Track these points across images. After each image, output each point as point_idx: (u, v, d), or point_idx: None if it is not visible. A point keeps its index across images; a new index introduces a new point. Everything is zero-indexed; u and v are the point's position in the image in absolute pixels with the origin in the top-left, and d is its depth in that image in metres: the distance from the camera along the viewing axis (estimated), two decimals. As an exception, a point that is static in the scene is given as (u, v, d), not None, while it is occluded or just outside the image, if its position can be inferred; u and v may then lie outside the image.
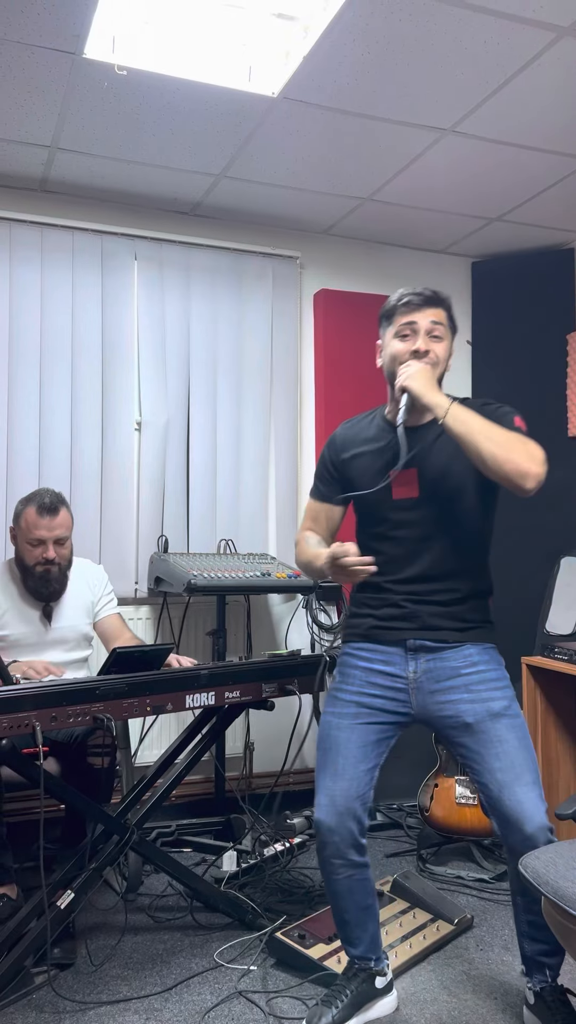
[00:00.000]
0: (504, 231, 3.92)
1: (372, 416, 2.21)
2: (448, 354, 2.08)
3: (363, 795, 2.04)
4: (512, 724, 1.99)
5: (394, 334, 2.09)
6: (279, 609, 3.85)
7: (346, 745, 2.05)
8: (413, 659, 2.05)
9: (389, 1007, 2.19)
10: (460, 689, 2.01)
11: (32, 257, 3.44)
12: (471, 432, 1.88)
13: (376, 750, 2.07)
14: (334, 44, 2.48)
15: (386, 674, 2.07)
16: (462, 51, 2.52)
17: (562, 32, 2.44)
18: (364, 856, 2.08)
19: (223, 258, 3.76)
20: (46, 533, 2.71)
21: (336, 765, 2.05)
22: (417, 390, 1.95)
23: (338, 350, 3.93)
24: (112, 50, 2.52)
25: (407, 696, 2.06)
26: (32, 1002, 2.22)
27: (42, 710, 2.05)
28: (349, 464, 2.16)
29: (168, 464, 3.65)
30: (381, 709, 2.07)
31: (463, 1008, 2.21)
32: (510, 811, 1.92)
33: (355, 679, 2.09)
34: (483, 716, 1.99)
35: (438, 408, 1.92)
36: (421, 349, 2.02)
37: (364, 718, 2.06)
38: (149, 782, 2.55)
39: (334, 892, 2.11)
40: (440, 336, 2.05)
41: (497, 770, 1.95)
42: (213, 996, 2.26)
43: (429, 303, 2.04)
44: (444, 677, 2.03)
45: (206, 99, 2.78)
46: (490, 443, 1.86)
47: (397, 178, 3.37)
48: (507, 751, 1.96)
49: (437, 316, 2.04)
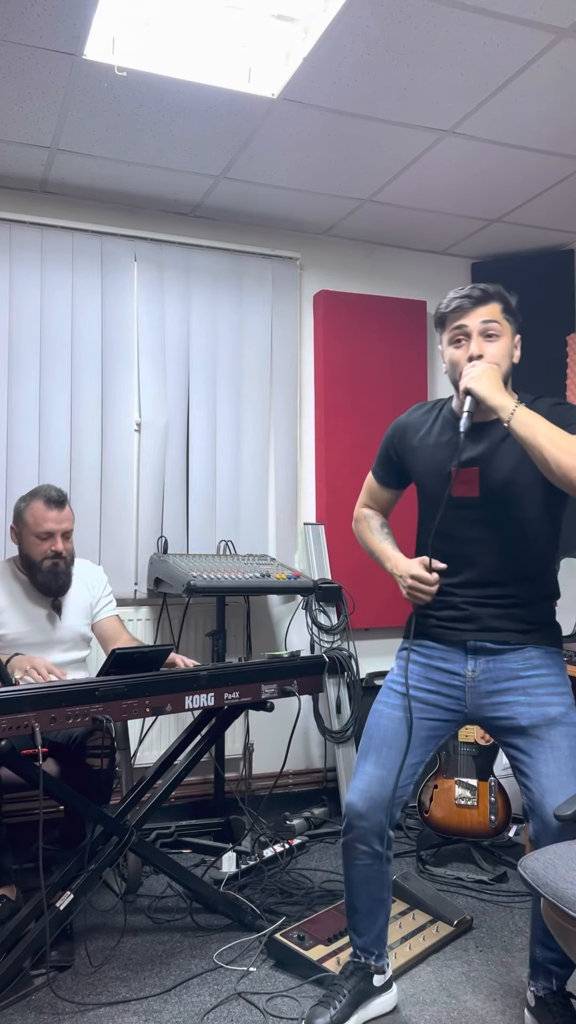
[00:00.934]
0: (504, 232, 3.92)
1: (440, 406, 2.16)
2: (510, 348, 2.01)
3: (402, 788, 2.04)
4: (567, 732, 1.96)
5: (448, 341, 2.03)
6: (279, 610, 3.85)
7: (395, 736, 2.04)
8: (473, 659, 2.03)
9: (388, 1005, 2.19)
10: (518, 691, 1.99)
11: (32, 258, 3.44)
12: (535, 436, 1.82)
13: (424, 747, 2.07)
14: (334, 45, 2.48)
15: (444, 671, 2.06)
16: (462, 52, 2.52)
17: (562, 33, 2.44)
18: (388, 849, 2.08)
19: (223, 259, 3.77)
20: (54, 525, 2.71)
21: (380, 754, 2.04)
22: (481, 392, 1.89)
23: (338, 351, 3.93)
24: (112, 51, 2.52)
25: (462, 694, 2.04)
26: (31, 1003, 2.21)
27: (41, 711, 2.05)
28: (412, 453, 2.14)
29: (168, 465, 3.65)
30: (436, 705, 2.06)
31: (462, 1009, 2.21)
32: (548, 815, 1.89)
33: (413, 673, 2.07)
34: (539, 720, 1.96)
35: (503, 411, 1.86)
36: (475, 355, 1.96)
37: (417, 712, 2.05)
38: (148, 783, 2.55)
39: (350, 878, 2.11)
40: (496, 334, 1.97)
41: (544, 775, 1.93)
42: (212, 997, 2.26)
43: (478, 303, 1.97)
44: (502, 678, 2.00)
45: (206, 100, 2.78)
46: (555, 449, 1.80)
47: (397, 179, 3.38)
48: (558, 758, 1.93)
49: (489, 314, 1.97)
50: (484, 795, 3.09)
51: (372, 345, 3.97)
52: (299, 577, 3.43)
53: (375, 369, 3.97)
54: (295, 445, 3.91)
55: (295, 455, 3.91)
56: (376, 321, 3.98)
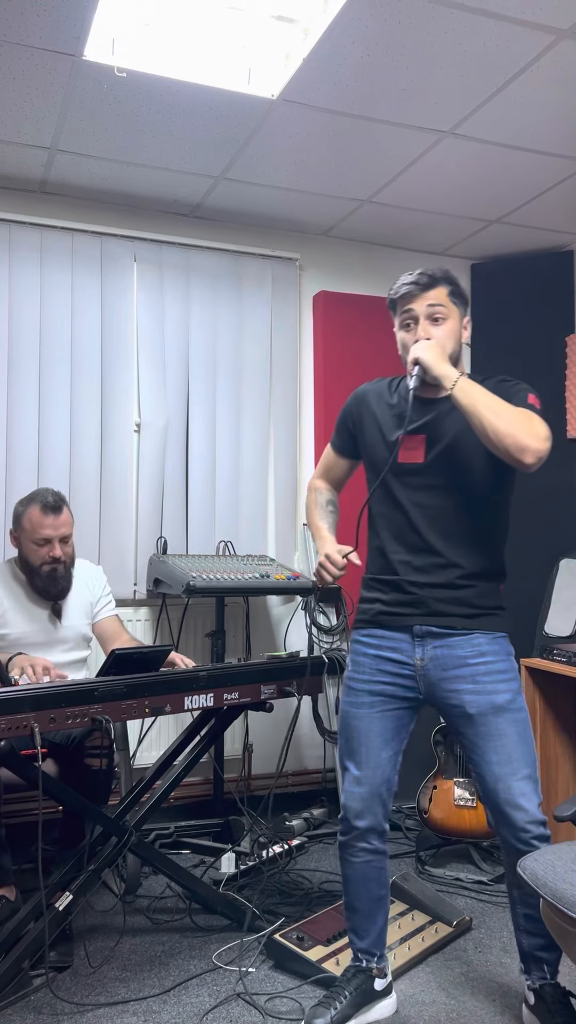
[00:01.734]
0: (504, 233, 3.92)
1: (398, 381, 2.22)
2: (457, 330, 2.09)
3: (388, 779, 2.09)
4: (514, 719, 2.00)
5: (399, 325, 2.12)
6: (278, 611, 3.85)
7: (367, 734, 2.08)
8: (420, 645, 2.06)
9: (388, 1010, 2.19)
10: (466, 679, 2.02)
11: (32, 259, 3.44)
12: (475, 404, 1.91)
13: (397, 736, 2.10)
14: (334, 46, 2.48)
15: (394, 661, 2.09)
16: (462, 53, 2.52)
17: (561, 35, 2.44)
18: (384, 843, 2.12)
19: (222, 260, 3.77)
20: (52, 532, 2.71)
21: (359, 754, 2.08)
22: (428, 361, 1.97)
23: (337, 352, 3.93)
24: (112, 52, 2.52)
25: (415, 682, 2.07)
26: (30, 1004, 2.21)
27: (40, 711, 2.05)
28: (367, 420, 2.20)
29: (167, 466, 3.65)
30: (393, 696, 2.09)
31: (462, 1010, 2.21)
32: (503, 803, 1.94)
33: (365, 667, 2.11)
34: (486, 709, 2.00)
35: (446, 379, 1.95)
36: (421, 337, 2.04)
37: (379, 707, 2.09)
38: (148, 784, 2.55)
39: (349, 877, 2.13)
40: (442, 316, 2.06)
41: (494, 763, 1.97)
42: (211, 998, 2.26)
43: (426, 288, 2.06)
44: (451, 666, 2.04)
45: (206, 101, 2.78)
46: (492, 415, 1.89)
47: (397, 180, 3.38)
48: (505, 745, 1.97)
49: (436, 298, 2.06)
50: (483, 796, 3.09)
51: (371, 346, 3.96)
52: (298, 578, 3.43)
53: (374, 370, 3.91)
54: (294, 446, 3.91)
55: (294, 456, 3.91)
56: (376, 322, 3.95)
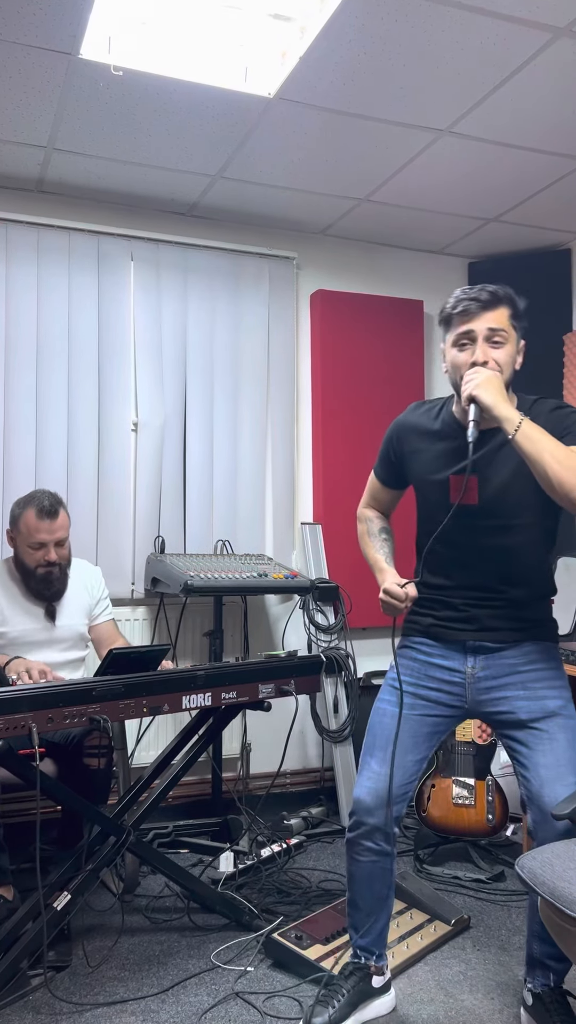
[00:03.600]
0: (501, 232, 3.92)
1: (440, 407, 2.12)
2: (514, 355, 1.98)
3: (407, 784, 2.07)
4: (565, 724, 1.98)
5: (452, 343, 1.98)
6: (276, 610, 3.85)
7: (398, 734, 2.06)
8: (472, 656, 2.06)
9: (386, 1007, 2.19)
10: (516, 686, 2.01)
11: (28, 258, 3.43)
12: (540, 453, 1.80)
13: (427, 742, 2.09)
14: (330, 45, 2.48)
15: (444, 667, 2.08)
16: (459, 52, 2.52)
17: (558, 33, 2.44)
18: (392, 846, 2.10)
19: (220, 259, 3.76)
20: (47, 536, 2.71)
21: (385, 752, 2.06)
22: (487, 402, 1.85)
23: (335, 351, 3.93)
24: (108, 51, 2.52)
25: (463, 690, 2.06)
26: (29, 1004, 2.21)
27: (38, 711, 2.05)
28: (411, 456, 2.13)
29: (165, 465, 3.64)
30: (436, 702, 2.08)
31: (460, 1008, 2.21)
32: (547, 806, 1.91)
33: (413, 670, 2.10)
34: (538, 714, 1.99)
35: (507, 423, 1.83)
36: (479, 360, 1.92)
37: (420, 709, 2.08)
38: (146, 783, 2.55)
39: (353, 875, 2.12)
40: (501, 341, 1.94)
41: (542, 766, 1.95)
42: (210, 997, 2.26)
43: (487, 307, 1.92)
44: (501, 674, 2.03)
45: (202, 100, 2.78)
46: (559, 466, 1.78)
47: (394, 179, 3.38)
48: (555, 749, 1.96)
49: (496, 320, 1.93)
50: (481, 794, 3.09)
51: (369, 345, 3.97)
52: (296, 577, 3.43)
53: (372, 369, 3.97)
54: (292, 445, 3.90)
55: (292, 455, 3.91)
56: (373, 321, 3.98)
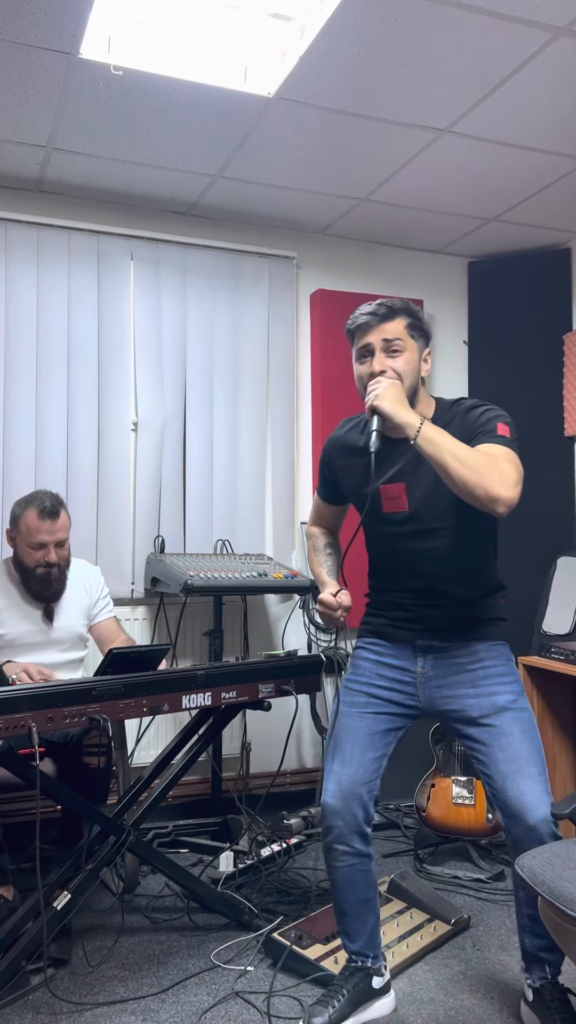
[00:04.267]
0: (501, 231, 3.92)
1: (364, 422, 2.17)
2: (416, 363, 2.02)
3: (369, 782, 2.08)
4: (517, 717, 2.00)
5: (355, 357, 2.06)
6: (276, 609, 3.85)
7: (354, 733, 2.09)
8: (422, 656, 2.09)
9: (386, 1008, 2.19)
10: (466, 684, 2.04)
11: (28, 258, 3.43)
12: (440, 454, 1.84)
13: (384, 740, 2.11)
14: (330, 44, 2.48)
15: (395, 667, 2.11)
16: (458, 51, 2.52)
17: (558, 32, 2.44)
18: (368, 846, 2.10)
19: (219, 258, 3.76)
20: (47, 537, 2.71)
21: (344, 752, 2.09)
22: (387, 411, 1.90)
23: (334, 350, 3.92)
24: (108, 50, 2.52)
25: (415, 689, 2.09)
26: (29, 1003, 2.21)
27: (38, 711, 2.05)
28: (342, 471, 2.20)
29: (164, 465, 3.64)
30: (389, 700, 2.11)
31: (460, 1008, 2.21)
32: (513, 802, 1.93)
33: (365, 671, 2.15)
34: (488, 710, 2.01)
35: (409, 428, 1.87)
36: (376, 371, 1.98)
37: (373, 708, 2.10)
38: (146, 783, 2.55)
39: (335, 881, 2.13)
40: (399, 349, 1.99)
41: (501, 761, 1.97)
42: (210, 997, 2.26)
43: (384, 319, 1.98)
44: (450, 673, 2.06)
45: (202, 99, 2.78)
46: (460, 466, 1.82)
47: (393, 178, 3.38)
48: (511, 743, 1.97)
49: (392, 331, 1.99)
50: (481, 794, 3.09)
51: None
52: (296, 576, 3.43)
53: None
54: (292, 444, 3.90)
55: (292, 454, 3.91)
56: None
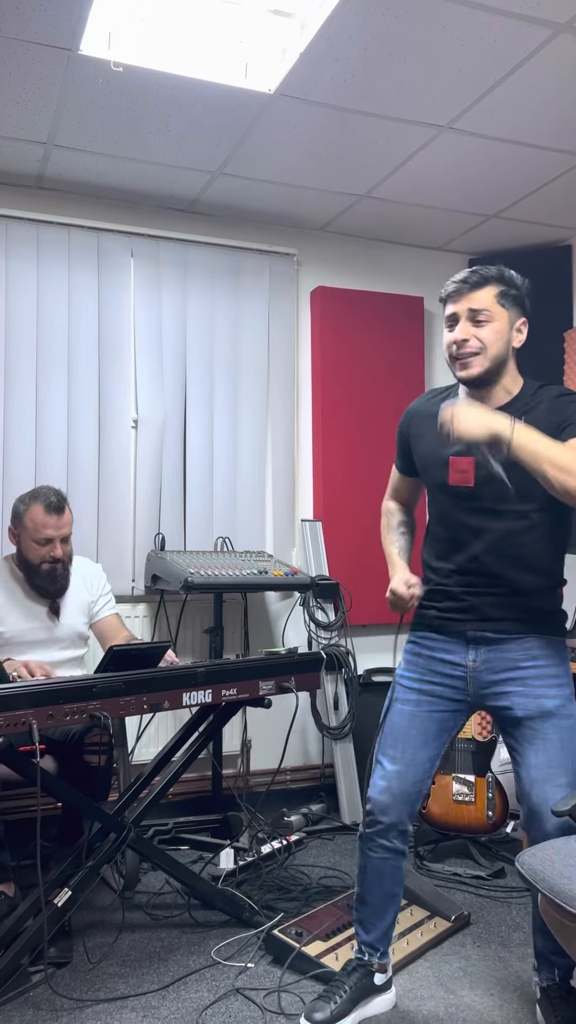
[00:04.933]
0: (501, 228, 3.91)
1: (448, 390, 2.16)
2: (506, 333, 1.99)
3: (421, 781, 2.08)
4: (561, 725, 1.97)
5: (445, 326, 2.04)
6: (276, 607, 3.85)
7: (407, 732, 2.08)
8: (474, 648, 2.05)
9: (387, 1004, 2.19)
10: (516, 682, 2.01)
11: (28, 254, 3.43)
12: (538, 460, 1.81)
13: (438, 740, 2.09)
14: (330, 40, 2.47)
15: (446, 662, 2.08)
16: (459, 47, 2.52)
17: (559, 28, 2.43)
18: (404, 844, 2.11)
19: (220, 255, 3.76)
20: (54, 532, 2.71)
21: (396, 750, 2.07)
22: (472, 436, 1.83)
23: (335, 347, 3.92)
24: (108, 46, 2.51)
25: (464, 684, 2.06)
26: (29, 1000, 2.22)
27: (39, 708, 2.04)
28: (416, 439, 2.16)
29: (165, 462, 3.64)
30: (441, 696, 2.08)
31: (460, 1004, 2.22)
32: (535, 806, 1.93)
33: (417, 666, 2.11)
34: (534, 713, 1.98)
35: (500, 444, 1.82)
36: (459, 339, 1.97)
37: (426, 706, 2.08)
38: (146, 780, 2.55)
39: (365, 869, 2.13)
40: (485, 320, 1.96)
41: (533, 766, 1.96)
42: (210, 993, 2.26)
43: (475, 287, 1.97)
44: (502, 668, 2.03)
45: (202, 96, 2.77)
46: (559, 472, 1.79)
47: (394, 175, 3.37)
48: (548, 749, 1.96)
49: (480, 301, 1.96)
50: (482, 791, 3.10)
51: (369, 341, 3.96)
52: (296, 574, 3.43)
53: (372, 365, 3.97)
54: (292, 441, 3.90)
55: (292, 451, 3.91)
56: (373, 317, 3.97)
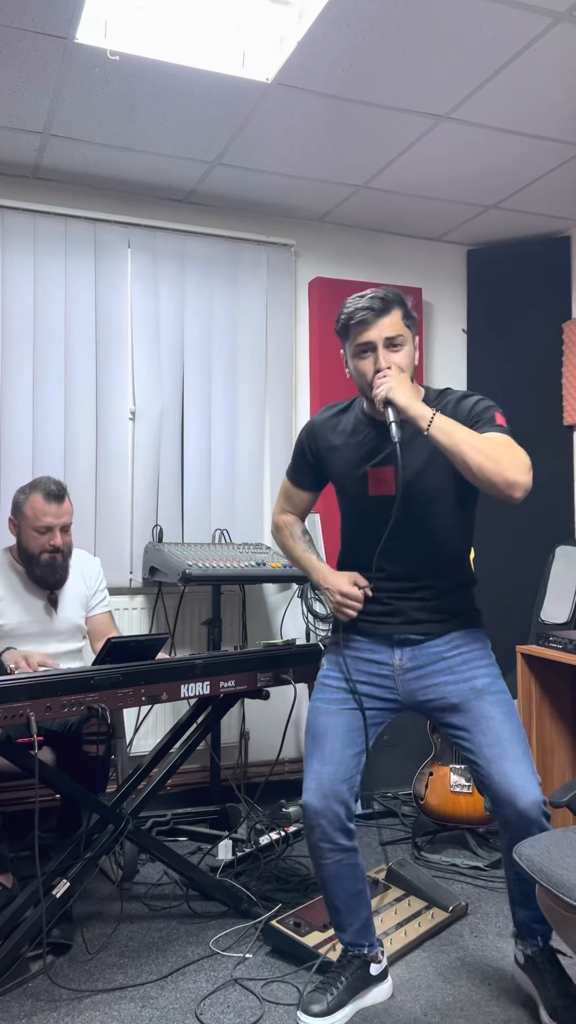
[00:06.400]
0: (500, 219, 3.90)
1: (350, 407, 2.19)
2: (412, 353, 2.03)
3: (350, 779, 2.07)
4: (496, 700, 2.01)
5: (352, 354, 2.04)
6: (274, 599, 3.85)
7: (333, 730, 2.09)
8: (399, 648, 2.09)
9: (384, 994, 2.20)
10: (443, 672, 2.05)
11: (25, 245, 3.41)
12: (456, 444, 1.85)
13: (362, 735, 2.10)
14: (328, 29, 2.46)
15: (373, 662, 2.11)
16: (458, 37, 2.50)
17: (559, 17, 2.42)
18: (352, 840, 2.10)
19: (217, 246, 3.74)
20: (54, 520, 2.71)
21: (324, 750, 2.08)
22: (402, 403, 1.90)
23: (333, 338, 3.84)
24: (104, 35, 2.49)
25: (393, 683, 2.09)
26: (28, 990, 2.22)
27: (37, 700, 2.05)
28: (328, 455, 2.17)
29: (162, 453, 3.63)
30: (368, 695, 2.10)
31: (457, 994, 2.22)
32: (500, 786, 1.93)
33: (342, 667, 2.13)
34: (467, 695, 2.02)
35: (421, 420, 1.88)
36: (382, 367, 1.97)
37: (351, 704, 2.09)
38: (144, 771, 2.56)
39: (323, 877, 2.13)
40: (400, 344, 1.99)
41: (484, 746, 1.97)
42: (209, 983, 2.27)
43: (380, 314, 1.97)
44: (427, 663, 2.06)
45: (199, 85, 2.75)
46: (477, 454, 1.83)
47: (392, 165, 3.35)
48: (492, 727, 1.98)
49: (391, 326, 1.98)
50: (479, 782, 3.10)
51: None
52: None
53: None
54: (290, 432, 3.89)
55: (290, 443, 3.89)
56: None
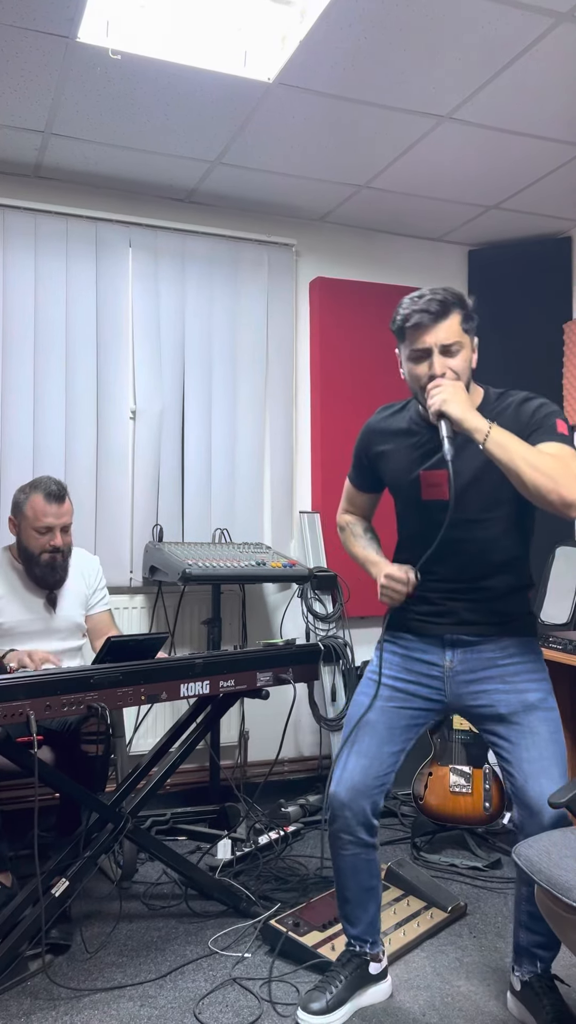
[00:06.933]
0: (501, 219, 3.90)
1: (405, 407, 2.14)
2: (470, 356, 1.97)
3: (383, 776, 2.07)
4: (545, 717, 1.98)
5: (407, 357, 1.98)
6: (274, 598, 3.85)
7: (374, 725, 2.07)
8: (451, 649, 2.06)
9: (383, 994, 2.20)
10: (495, 679, 2.01)
11: (26, 244, 3.41)
12: (512, 459, 1.80)
13: (404, 735, 2.09)
14: (330, 29, 2.46)
15: (423, 661, 2.08)
16: (460, 37, 2.50)
17: (560, 18, 2.42)
18: (374, 837, 2.10)
19: (218, 245, 3.74)
20: (54, 520, 2.71)
21: (362, 743, 2.06)
22: (456, 416, 1.84)
23: (334, 338, 3.91)
24: (106, 34, 2.49)
25: (441, 684, 2.06)
26: (27, 989, 2.22)
27: (36, 699, 2.05)
28: (381, 457, 2.14)
29: (163, 453, 3.63)
30: (414, 695, 2.08)
31: (456, 994, 2.23)
32: (532, 801, 1.92)
33: (392, 664, 2.10)
34: (517, 707, 1.99)
35: (477, 432, 1.82)
36: (438, 374, 1.92)
37: (396, 701, 2.08)
38: (144, 771, 2.56)
39: (339, 868, 2.13)
40: (457, 349, 1.93)
41: (525, 760, 1.96)
42: (207, 983, 2.27)
43: (438, 318, 1.90)
44: (480, 667, 2.03)
45: (201, 84, 2.75)
46: (532, 471, 1.78)
47: (394, 165, 3.35)
48: (537, 743, 1.96)
49: (449, 332, 1.91)
50: (478, 782, 3.10)
51: (368, 332, 3.95)
52: (295, 565, 3.42)
53: (371, 356, 3.96)
54: (291, 433, 3.89)
55: (291, 443, 3.90)
56: (372, 308, 3.95)
